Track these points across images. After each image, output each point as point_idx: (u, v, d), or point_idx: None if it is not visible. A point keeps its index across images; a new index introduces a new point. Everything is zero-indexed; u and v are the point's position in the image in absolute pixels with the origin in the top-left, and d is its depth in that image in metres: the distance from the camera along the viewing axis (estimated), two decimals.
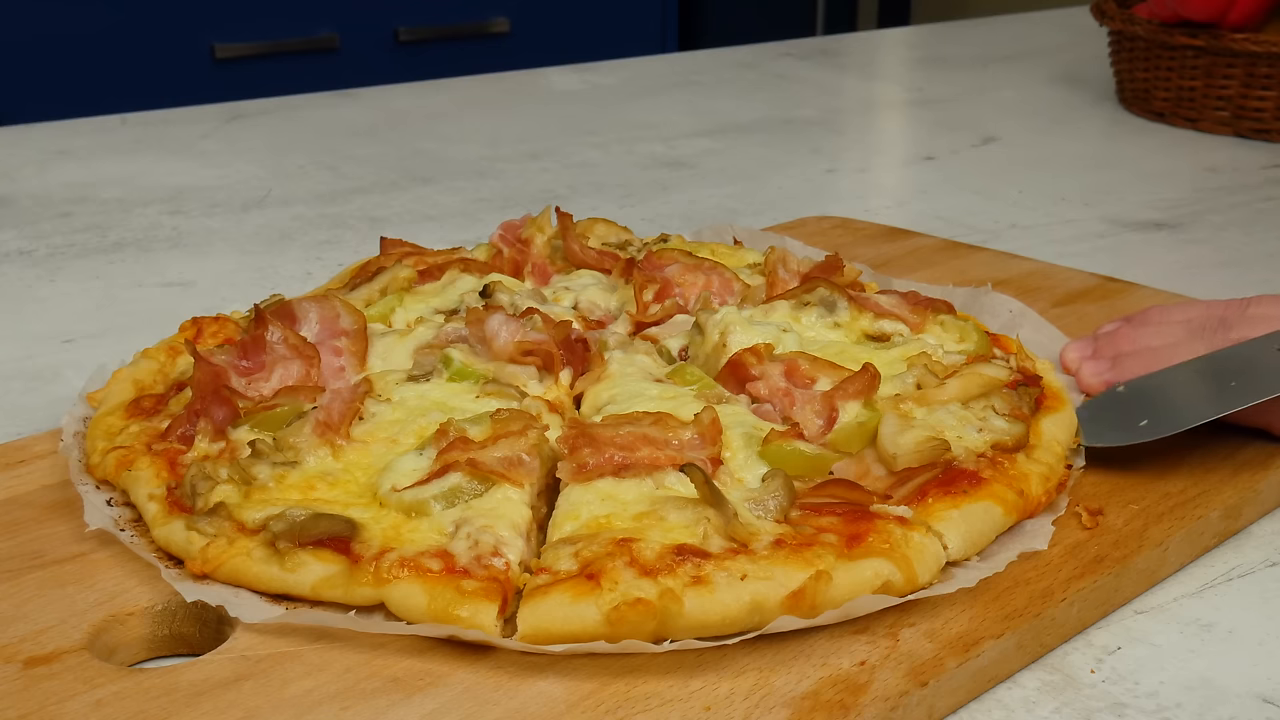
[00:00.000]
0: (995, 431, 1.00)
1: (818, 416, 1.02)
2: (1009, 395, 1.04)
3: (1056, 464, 1.00)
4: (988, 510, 0.93)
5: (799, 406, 1.03)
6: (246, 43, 3.74)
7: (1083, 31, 2.77)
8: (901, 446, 0.96)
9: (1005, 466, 0.97)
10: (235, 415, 1.01)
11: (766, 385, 1.06)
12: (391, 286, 1.26)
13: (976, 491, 0.94)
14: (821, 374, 1.05)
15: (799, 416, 1.02)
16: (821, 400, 1.02)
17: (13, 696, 0.80)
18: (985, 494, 0.94)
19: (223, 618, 0.87)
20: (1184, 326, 1.18)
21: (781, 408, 1.04)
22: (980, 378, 1.04)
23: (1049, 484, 0.98)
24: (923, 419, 1.00)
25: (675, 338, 1.17)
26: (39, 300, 1.56)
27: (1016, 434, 1.00)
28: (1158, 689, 0.85)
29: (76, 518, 0.97)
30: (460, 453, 0.94)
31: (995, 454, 0.98)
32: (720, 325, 1.12)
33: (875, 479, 0.96)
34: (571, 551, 0.86)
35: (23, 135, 2.29)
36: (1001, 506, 0.94)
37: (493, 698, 0.79)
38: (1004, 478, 0.96)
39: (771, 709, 0.78)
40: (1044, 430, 1.03)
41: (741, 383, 1.08)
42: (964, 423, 1.00)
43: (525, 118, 2.44)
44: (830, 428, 1.00)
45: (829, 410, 1.01)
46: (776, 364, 1.07)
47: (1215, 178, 1.98)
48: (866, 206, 1.88)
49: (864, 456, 0.97)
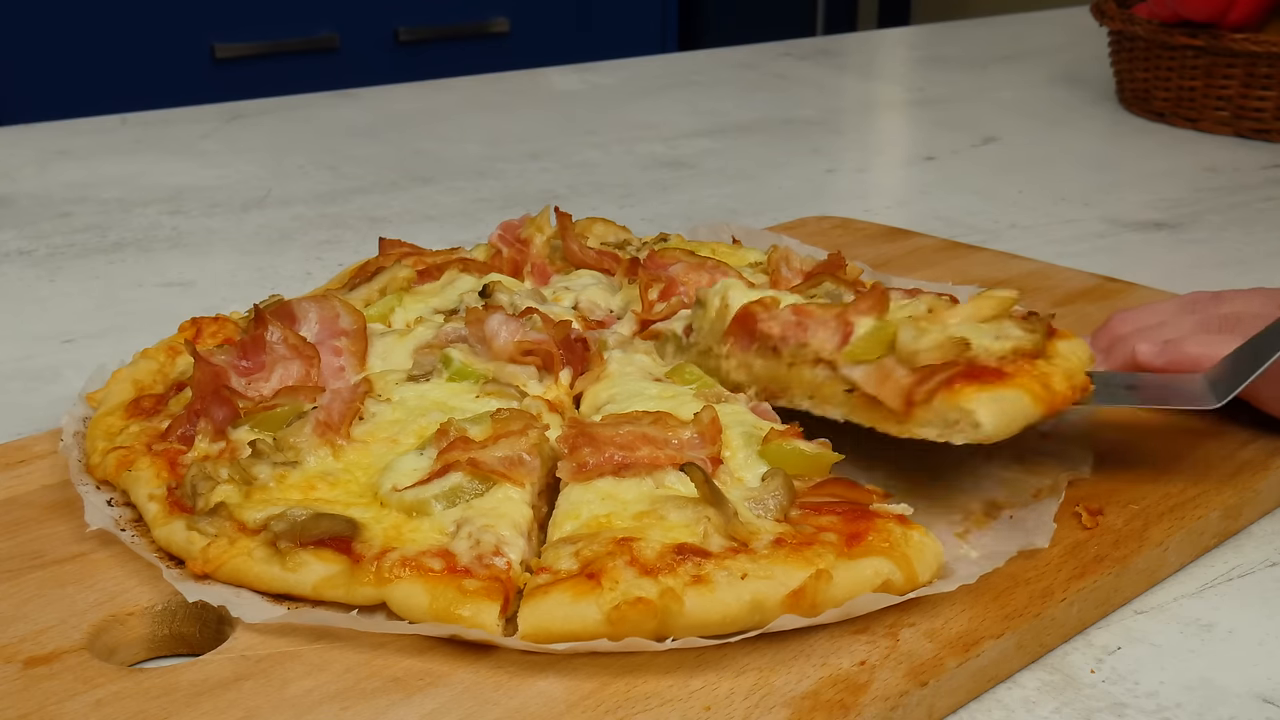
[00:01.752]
0: (1013, 338, 0.99)
1: (833, 335, 1.01)
2: (1020, 321, 1.03)
3: (1077, 370, 1.00)
4: (1016, 397, 0.93)
5: (812, 330, 1.02)
6: (246, 43, 3.74)
7: (1083, 31, 2.77)
8: (921, 343, 0.96)
9: (1027, 366, 0.97)
10: (235, 415, 1.01)
11: (777, 324, 1.05)
12: (391, 286, 1.26)
13: (1003, 382, 0.94)
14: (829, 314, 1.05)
15: (813, 339, 1.02)
16: (835, 318, 1.02)
17: (13, 696, 0.80)
18: (1013, 384, 0.94)
19: (222, 617, 0.87)
20: (1176, 303, 1.21)
21: (795, 337, 1.03)
22: (992, 299, 1.03)
23: (1073, 380, 0.97)
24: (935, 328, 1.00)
25: (677, 321, 1.17)
26: (39, 300, 1.56)
27: (1035, 339, 0.99)
28: (1158, 689, 0.85)
29: (76, 518, 0.97)
30: (461, 452, 0.94)
31: (1015, 357, 0.98)
32: (719, 292, 1.11)
33: (898, 380, 0.96)
34: (572, 551, 0.86)
35: (23, 135, 2.29)
36: (1028, 395, 0.94)
37: (493, 697, 0.79)
38: (1027, 373, 0.96)
39: (771, 709, 0.78)
40: (1059, 349, 1.02)
41: (750, 331, 1.07)
42: (981, 334, 0.99)
43: (525, 118, 2.44)
44: (846, 341, 1.00)
45: (844, 327, 1.01)
46: (785, 310, 1.06)
47: (1215, 178, 1.98)
48: (866, 206, 1.88)
49: (884, 363, 0.97)
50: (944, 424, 0.94)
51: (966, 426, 0.93)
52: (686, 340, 1.15)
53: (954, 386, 0.93)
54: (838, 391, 1.01)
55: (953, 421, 0.93)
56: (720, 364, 1.10)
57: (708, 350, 1.12)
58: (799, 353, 1.04)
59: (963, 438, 0.93)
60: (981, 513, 0.99)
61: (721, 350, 1.10)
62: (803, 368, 1.03)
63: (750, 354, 1.08)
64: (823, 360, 1.01)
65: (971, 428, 0.92)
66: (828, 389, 1.02)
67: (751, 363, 1.08)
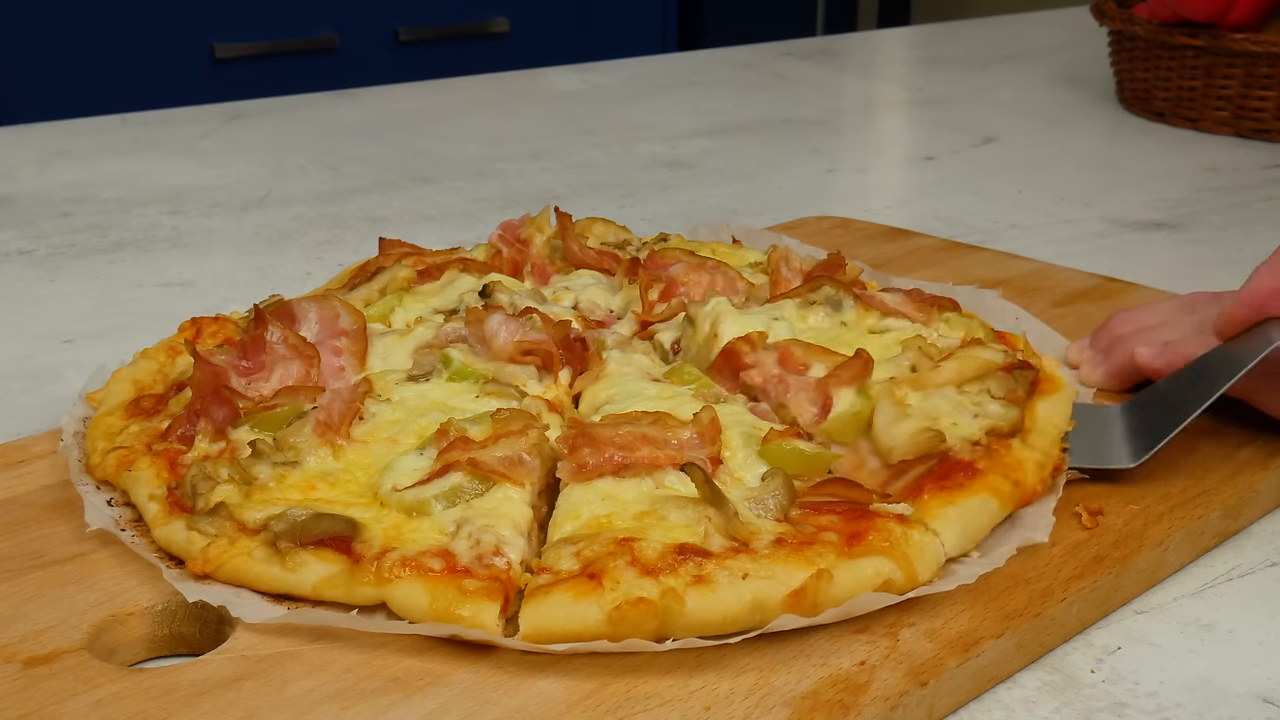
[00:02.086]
0: (990, 417, 0.99)
1: (811, 404, 1.02)
2: (1004, 378, 1.03)
3: (1051, 449, 1.00)
4: (984, 504, 0.93)
5: (793, 394, 1.03)
6: (246, 43, 3.74)
7: (1083, 31, 2.77)
8: (896, 439, 0.96)
9: (1001, 454, 0.97)
10: (235, 415, 1.01)
11: (760, 374, 1.06)
12: (391, 286, 1.26)
13: (972, 484, 0.94)
14: (815, 360, 1.05)
15: (793, 404, 1.02)
16: (815, 388, 1.02)
17: (13, 696, 0.80)
18: (980, 486, 0.94)
19: (223, 617, 0.87)
20: (1176, 303, 1.21)
21: (776, 395, 1.04)
22: (975, 360, 1.03)
23: (1044, 471, 0.98)
24: (918, 405, 0.99)
25: (667, 331, 1.18)
26: (39, 300, 1.56)
27: (1012, 419, 0.99)
28: (1158, 689, 0.85)
29: (76, 518, 0.97)
30: (461, 452, 0.94)
31: (991, 440, 0.98)
32: (710, 316, 1.12)
33: (870, 472, 0.96)
34: (573, 551, 0.86)
35: (23, 135, 2.29)
36: (997, 499, 0.94)
37: (493, 697, 0.79)
38: (999, 466, 0.95)
39: (771, 709, 0.78)
40: (1039, 414, 1.03)
41: (735, 373, 1.08)
42: (959, 409, 1.00)
43: (525, 118, 2.44)
44: (825, 415, 1.00)
45: (823, 397, 1.01)
46: (770, 352, 1.06)
47: (1215, 178, 1.98)
48: (866, 206, 1.88)
49: (859, 447, 0.98)
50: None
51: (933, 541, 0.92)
52: (674, 357, 1.15)
53: (922, 495, 0.93)
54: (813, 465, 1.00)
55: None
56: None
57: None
58: (779, 411, 1.04)
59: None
60: None
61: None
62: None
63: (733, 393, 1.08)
64: (799, 429, 1.01)
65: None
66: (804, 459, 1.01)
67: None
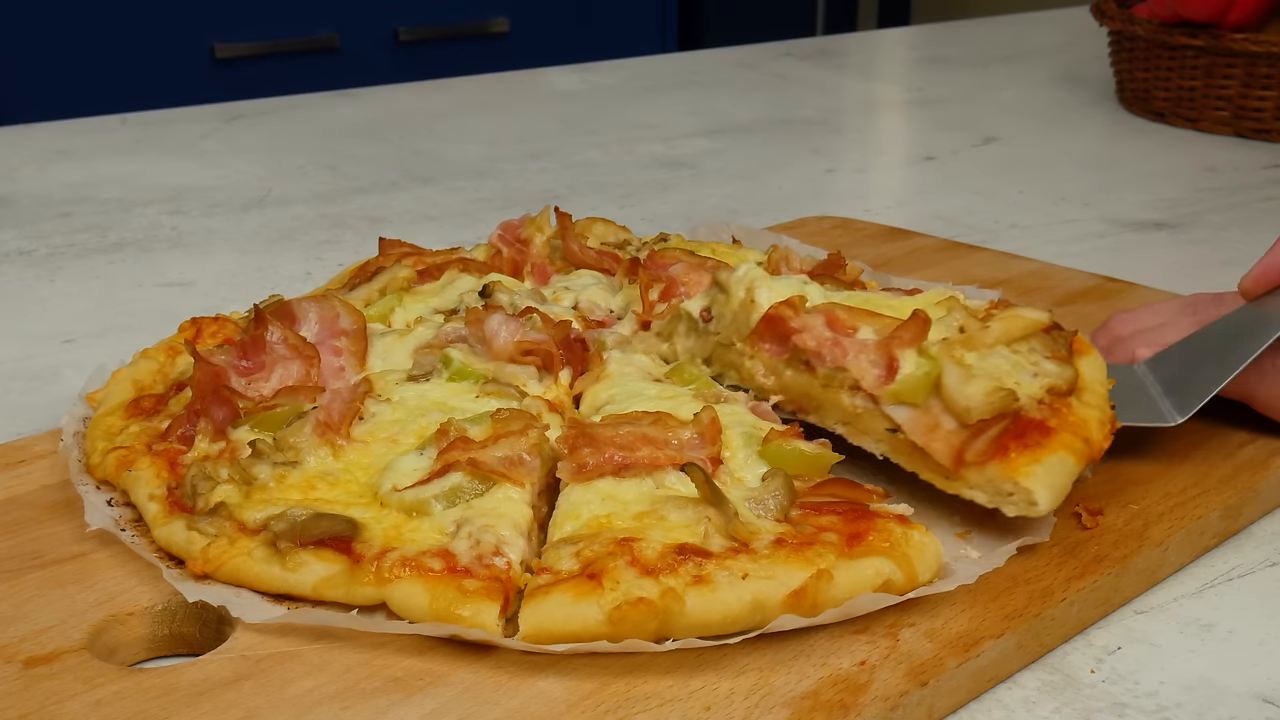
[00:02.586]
0: (1049, 375, 0.99)
1: (874, 366, 1.00)
2: (1046, 339, 1.03)
3: (1106, 406, 1.01)
4: (1063, 461, 0.94)
5: (852, 356, 1.01)
6: (246, 43, 3.74)
7: (1083, 31, 2.77)
8: (972, 399, 0.95)
9: (1065, 412, 0.97)
10: (235, 415, 1.01)
11: (813, 337, 1.03)
12: (391, 286, 1.26)
13: (1049, 442, 0.94)
14: (861, 322, 1.03)
15: (854, 366, 1.00)
16: (877, 349, 1.00)
17: (13, 696, 0.80)
18: (1057, 444, 0.94)
19: (223, 617, 0.87)
20: (1176, 304, 1.21)
21: (833, 358, 1.02)
22: (1021, 320, 1.03)
23: (1105, 428, 0.98)
24: (978, 365, 0.99)
25: (696, 299, 1.14)
26: (39, 300, 1.56)
27: (1069, 377, 0.99)
28: (1158, 689, 0.85)
29: (76, 518, 0.97)
30: (461, 452, 0.94)
31: (1051, 398, 0.98)
32: (745, 281, 1.09)
33: (947, 433, 0.96)
34: (573, 551, 0.86)
35: (23, 135, 2.29)
36: (1073, 456, 0.95)
37: (493, 697, 0.79)
38: (1068, 424, 0.96)
39: (771, 709, 0.78)
40: (1084, 373, 1.03)
41: (779, 338, 1.05)
42: (1018, 368, 0.99)
43: (525, 118, 2.44)
44: (890, 376, 0.99)
45: (887, 359, 1.00)
46: (815, 315, 1.04)
47: (1215, 178, 1.98)
48: (866, 206, 1.88)
49: (930, 408, 0.97)
50: (995, 492, 0.94)
51: (1021, 502, 0.93)
52: (704, 325, 1.12)
53: (1008, 454, 0.93)
54: (878, 428, 1.00)
55: (1006, 493, 0.93)
56: (743, 361, 1.08)
57: (729, 344, 1.10)
58: (836, 375, 1.02)
59: (1014, 510, 0.93)
60: (982, 512, 0.99)
61: (746, 349, 1.08)
62: (840, 392, 1.01)
63: (780, 362, 1.06)
64: (862, 390, 1.00)
65: (1027, 505, 0.92)
66: (867, 422, 1.00)
67: (781, 371, 1.06)
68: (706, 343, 1.12)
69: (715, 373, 1.11)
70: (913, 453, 0.98)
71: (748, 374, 1.08)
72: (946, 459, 0.95)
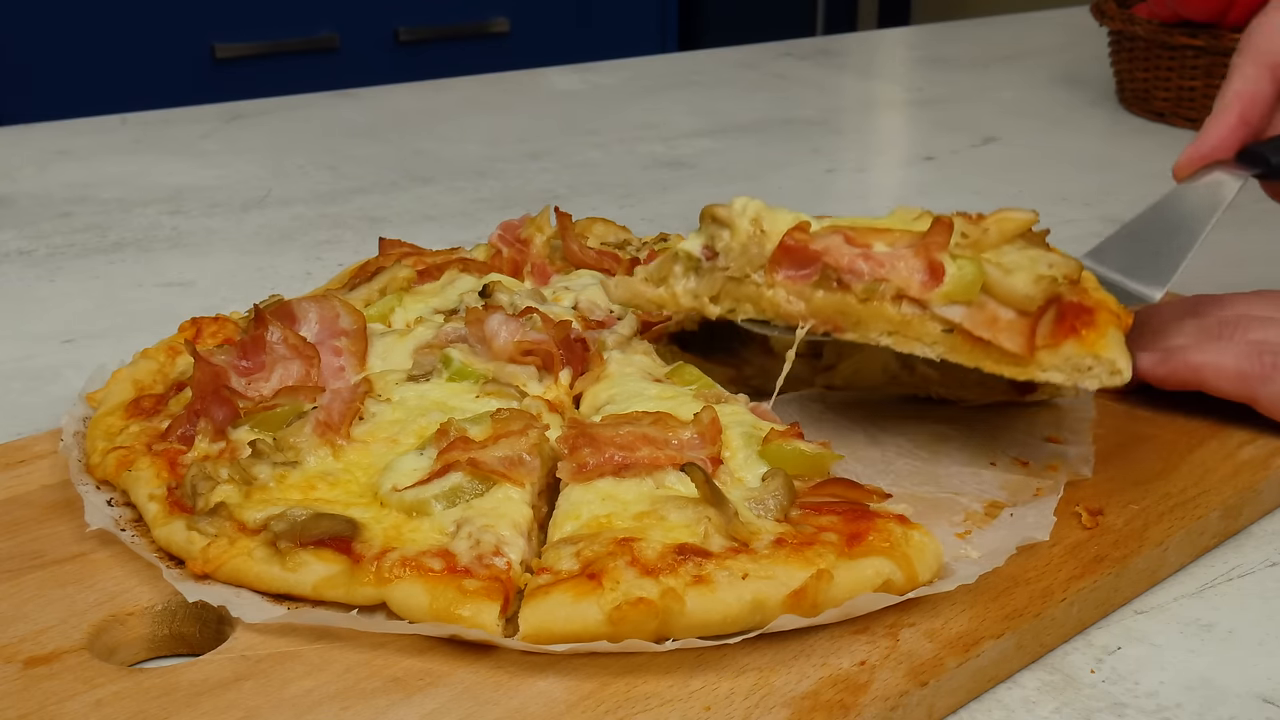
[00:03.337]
0: (1059, 266, 1.01)
1: (918, 272, 1.01)
2: (1031, 237, 1.05)
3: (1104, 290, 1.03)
4: (1117, 335, 0.97)
5: (890, 266, 1.01)
6: (246, 43, 3.74)
7: (1083, 31, 2.77)
8: (1028, 288, 0.97)
9: (1086, 296, 1.00)
10: (235, 415, 1.01)
11: (844, 255, 1.03)
12: (391, 286, 1.26)
13: (1097, 319, 0.98)
14: (874, 239, 1.03)
15: (896, 276, 1.01)
16: (916, 254, 1.01)
17: (13, 696, 0.80)
18: (1105, 321, 0.98)
19: (223, 617, 0.87)
20: (1177, 305, 1.21)
21: (871, 271, 1.01)
22: (1012, 220, 1.05)
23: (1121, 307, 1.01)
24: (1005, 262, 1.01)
25: (690, 239, 1.12)
26: (39, 300, 1.56)
27: (1075, 265, 1.02)
28: (1158, 689, 0.85)
29: (76, 518, 0.97)
30: (461, 452, 0.94)
31: (1068, 285, 1.00)
32: (748, 213, 1.08)
33: (1008, 323, 0.97)
34: (573, 551, 0.86)
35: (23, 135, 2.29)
36: (1120, 330, 0.98)
37: (493, 697, 0.79)
38: (1099, 305, 0.99)
39: (771, 709, 0.78)
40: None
41: (803, 262, 1.04)
42: (1034, 261, 1.01)
43: (525, 118, 2.44)
44: (936, 280, 1.00)
45: (928, 264, 1.00)
46: (832, 235, 1.04)
47: None
48: (866, 207, 1.88)
49: (985, 304, 0.99)
50: (1073, 369, 0.97)
51: (1103, 373, 0.96)
52: (708, 263, 1.10)
53: (1079, 332, 0.96)
54: (932, 331, 1.00)
55: (1085, 368, 0.96)
56: (761, 293, 1.06)
57: (742, 278, 1.07)
58: (876, 288, 1.01)
59: (1095, 383, 0.96)
60: (982, 513, 0.99)
61: (764, 279, 1.06)
62: (882, 303, 1.01)
63: (808, 286, 1.04)
64: (908, 297, 1.00)
65: (1109, 374, 0.95)
66: (918, 327, 1.01)
67: (810, 294, 1.04)
68: (713, 280, 1.09)
69: (725, 309, 1.08)
70: (974, 348, 0.99)
71: (769, 304, 1.06)
72: (1019, 346, 0.97)
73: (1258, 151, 1.17)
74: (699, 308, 1.09)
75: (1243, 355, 1.10)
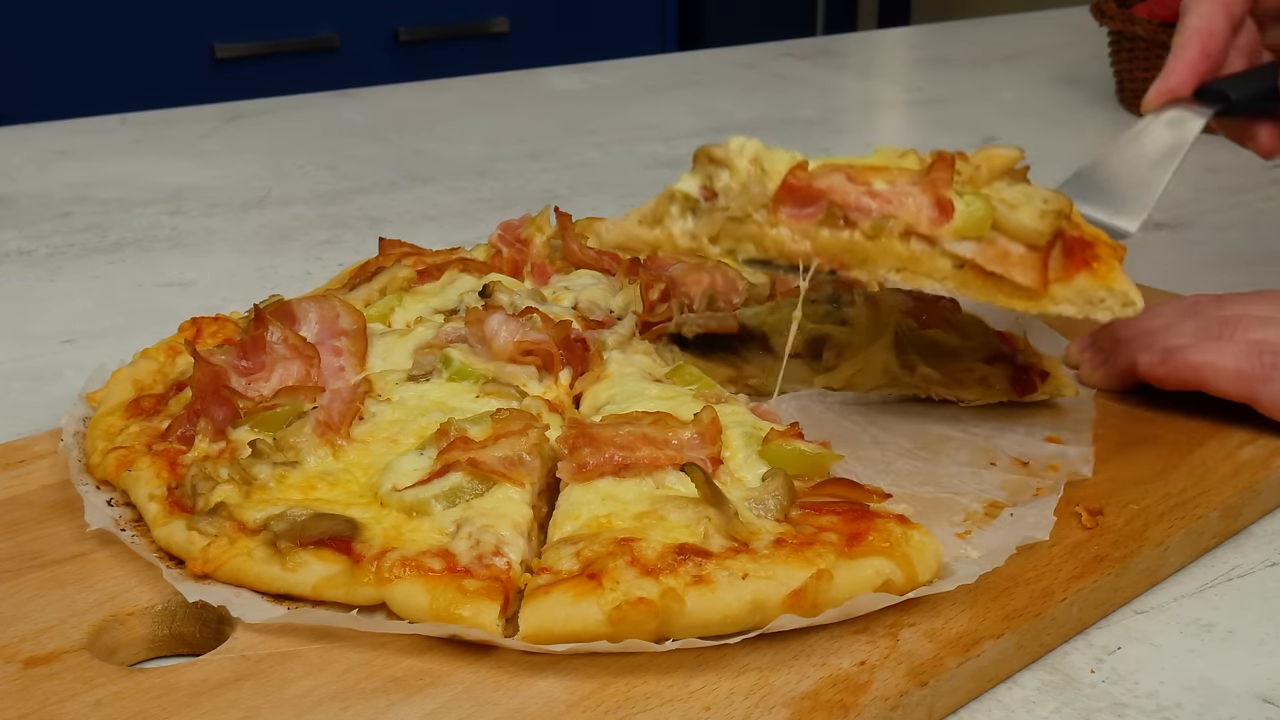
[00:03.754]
0: (1053, 200, 1.02)
1: (927, 208, 1.01)
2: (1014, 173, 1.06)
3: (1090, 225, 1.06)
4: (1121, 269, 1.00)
5: (897, 203, 1.01)
6: (246, 43, 3.74)
7: (1083, 31, 2.77)
8: (1036, 222, 0.99)
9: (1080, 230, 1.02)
10: (235, 415, 1.01)
11: (850, 193, 1.02)
12: (391, 286, 1.26)
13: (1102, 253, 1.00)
14: (873, 176, 1.03)
15: (904, 211, 1.01)
16: (925, 190, 1.01)
17: (13, 696, 0.80)
18: (1108, 254, 1.00)
19: (223, 617, 0.87)
20: (1178, 305, 1.21)
21: (879, 208, 1.01)
22: (999, 157, 1.06)
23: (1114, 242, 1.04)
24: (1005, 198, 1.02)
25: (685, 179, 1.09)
26: (39, 300, 1.56)
27: (1065, 199, 1.03)
28: (1158, 689, 0.85)
29: (76, 518, 0.97)
30: (461, 452, 0.94)
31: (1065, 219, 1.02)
32: (747, 152, 1.07)
33: (1019, 257, 0.99)
34: (573, 551, 0.86)
35: (23, 135, 2.29)
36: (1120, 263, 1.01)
37: (493, 697, 0.79)
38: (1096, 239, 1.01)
39: (771, 709, 0.78)
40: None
41: (807, 200, 1.03)
42: (1029, 197, 1.02)
43: (525, 118, 2.44)
44: (946, 216, 1.00)
45: (936, 199, 1.00)
46: (833, 173, 1.04)
47: (1215, 178, 1.98)
48: None
49: (994, 240, 0.99)
50: (1086, 301, 0.99)
51: (1116, 305, 0.98)
52: (707, 204, 1.08)
53: (1090, 265, 0.97)
54: (943, 266, 1.01)
55: (1098, 300, 0.98)
56: (764, 232, 1.05)
57: (744, 218, 1.06)
58: (884, 224, 1.01)
59: (1108, 315, 0.98)
60: (982, 513, 0.99)
61: (766, 219, 1.05)
62: (891, 240, 1.01)
63: (812, 224, 1.03)
64: (917, 234, 1.00)
65: (1122, 306, 0.98)
66: (928, 263, 1.01)
67: (815, 233, 1.03)
68: (713, 220, 1.07)
69: (725, 250, 1.07)
70: (985, 283, 1.00)
71: (772, 244, 1.05)
72: (1032, 280, 0.98)
73: (1218, 88, 1.20)
74: (697, 249, 1.07)
75: (1243, 355, 1.10)
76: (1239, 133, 1.26)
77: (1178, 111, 1.20)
